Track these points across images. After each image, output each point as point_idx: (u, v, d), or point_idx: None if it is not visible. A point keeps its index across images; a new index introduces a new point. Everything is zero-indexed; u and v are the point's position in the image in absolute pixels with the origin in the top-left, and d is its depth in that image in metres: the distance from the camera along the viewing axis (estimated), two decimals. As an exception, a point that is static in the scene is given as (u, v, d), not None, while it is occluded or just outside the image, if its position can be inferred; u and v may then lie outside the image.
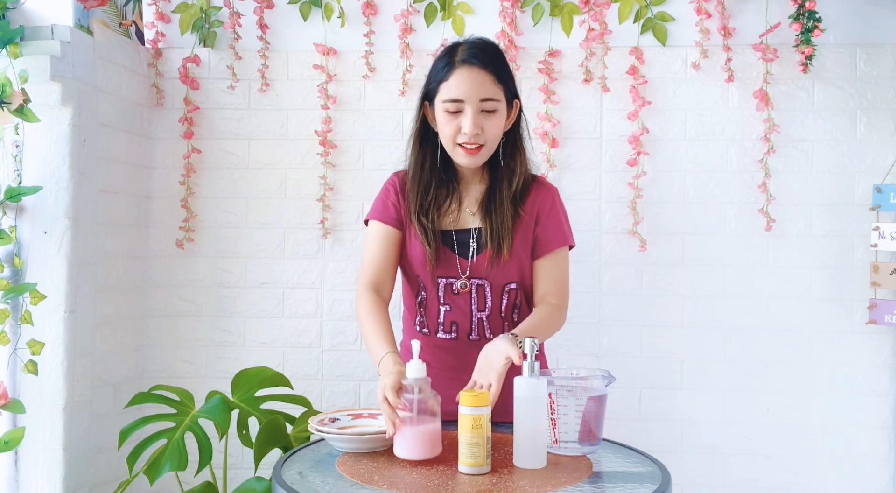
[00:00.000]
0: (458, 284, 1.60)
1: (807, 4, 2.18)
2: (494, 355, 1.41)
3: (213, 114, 2.41)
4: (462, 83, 1.53)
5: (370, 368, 2.37)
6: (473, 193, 1.65)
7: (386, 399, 1.32)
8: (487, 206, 1.61)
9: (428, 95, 1.61)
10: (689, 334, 2.31)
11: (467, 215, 1.63)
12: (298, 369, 2.38)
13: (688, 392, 2.31)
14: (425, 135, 1.64)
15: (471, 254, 1.60)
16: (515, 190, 1.61)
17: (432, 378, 1.36)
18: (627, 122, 2.32)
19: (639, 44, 2.32)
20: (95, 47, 2.08)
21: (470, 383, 1.41)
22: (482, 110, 1.53)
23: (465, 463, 1.26)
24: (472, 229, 1.61)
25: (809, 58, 2.22)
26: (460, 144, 1.55)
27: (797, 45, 2.24)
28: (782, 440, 2.28)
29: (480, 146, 1.55)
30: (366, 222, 1.69)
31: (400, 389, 1.33)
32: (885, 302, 2.20)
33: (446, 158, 1.62)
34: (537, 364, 1.31)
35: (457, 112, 1.53)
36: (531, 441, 1.29)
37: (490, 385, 1.38)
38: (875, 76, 2.27)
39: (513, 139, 1.63)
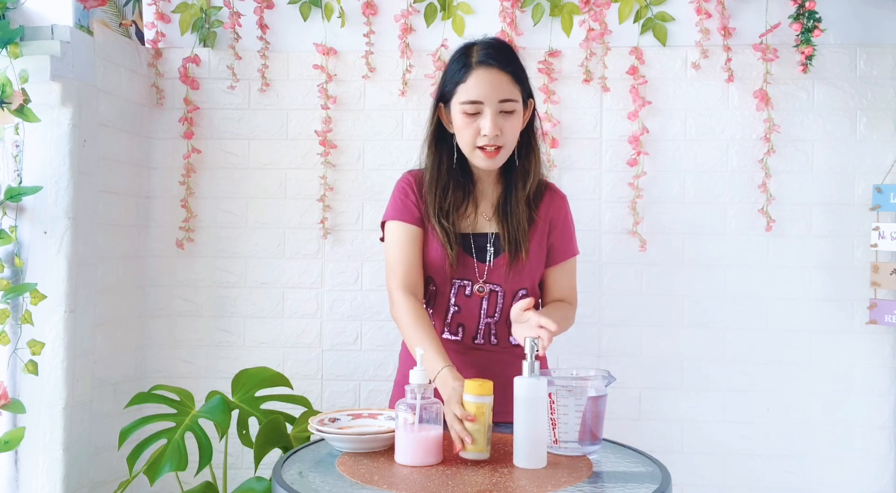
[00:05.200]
0: (475, 287, 1.60)
1: (807, 4, 2.18)
2: (526, 316, 1.43)
3: (213, 114, 2.41)
4: (480, 84, 1.51)
5: (370, 368, 2.37)
6: (489, 197, 1.64)
7: (455, 416, 1.33)
8: (503, 209, 1.61)
9: (443, 97, 1.59)
10: (689, 334, 2.31)
11: (483, 220, 1.63)
12: (298, 369, 2.38)
13: (688, 392, 2.31)
14: (440, 137, 1.62)
15: (488, 258, 1.60)
16: (530, 191, 1.61)
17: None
18: (627, 122, 2.32)
19: (639, 44, 2.32)
20: (95, 47, 2.08)
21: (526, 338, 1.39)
22: (501, 111, 1.51)
23: (466, 449, 1.31)
24: (490, 234, 1.61)
25: (809, 58, 2.22)
26: (480, 147, 1.53)
27: (797, 45, 2.24)
28: (782, 440, 2.28)
29: (499, 148, 1.53)
30: (382, 226, 1.66)
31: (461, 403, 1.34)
32: (885, 302, 2.20)
33: (462, 159, 1.62)
34: (537, 364, 1.31)
35: (475, 114, 1.52)
36: (531, 441, 1.29)
37: (544, 328, 1.38)
38: (875, 76, 2.27)
39: (527, 140, 1.62)
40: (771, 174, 2.28)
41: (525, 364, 1.31)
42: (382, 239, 1.67)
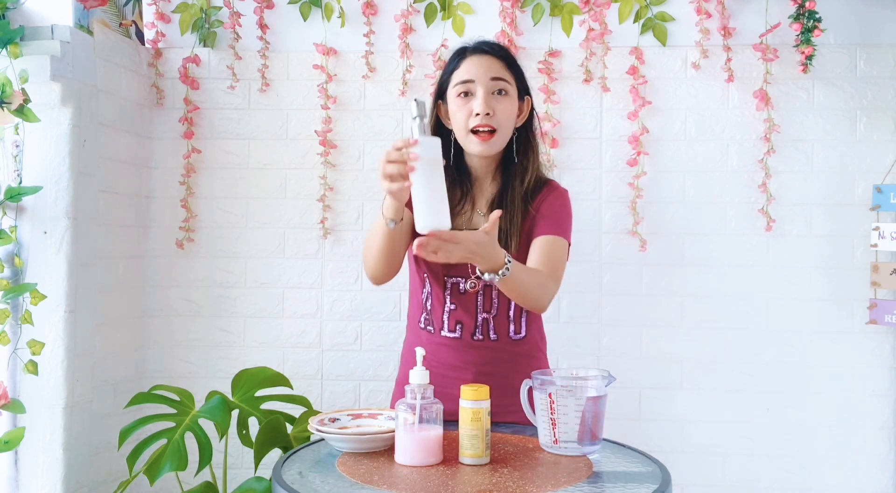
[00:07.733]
0: (468, 284, 1.61)
1: (807, 4, 2.18)
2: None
3: (213, 114, 2.41)
4: (472, 66, 1.58)
5: (370, 368, 2.37)
6: (485, 194, 1.66)
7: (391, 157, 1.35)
8: (499, 204, 1.62)
9: (441, 90, 1.64)
10: (689, 334, 2.31)
11: (478, 216, 1.64)
12: (298, 369, 2.38)
13: (688, 392, 2.31)
14: (438, 134, 1.63)
15: None
16: (527, 188, 1.62)
17: (432, 376, 1.36)
18: (627, 122, 2.32)
19: (639, 44, 2.32)
20: (95, 47, 2.08)
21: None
22: (493, 92, 1.56)
23: (465, 455, 1.30)
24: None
25: (809, 58, 2.22)
26: (473, 131, 1.57)
27: (797, 45, 2.24)
28: (782, 440, 2.28)
29: (493, 132, 1.56)
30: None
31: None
32: (885, 302, 2.20)
33: (460, 158, 1.65)
34: (426, 124, 1.35)
35: (468, 95, 1.57)
36: (430, 202, 1.32)
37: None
38: (875, 76, 2.27)
39: (525, 137, 1.66)
40: (771, 174, 2.28)
41: (414, 125, 1.34)
42: None
